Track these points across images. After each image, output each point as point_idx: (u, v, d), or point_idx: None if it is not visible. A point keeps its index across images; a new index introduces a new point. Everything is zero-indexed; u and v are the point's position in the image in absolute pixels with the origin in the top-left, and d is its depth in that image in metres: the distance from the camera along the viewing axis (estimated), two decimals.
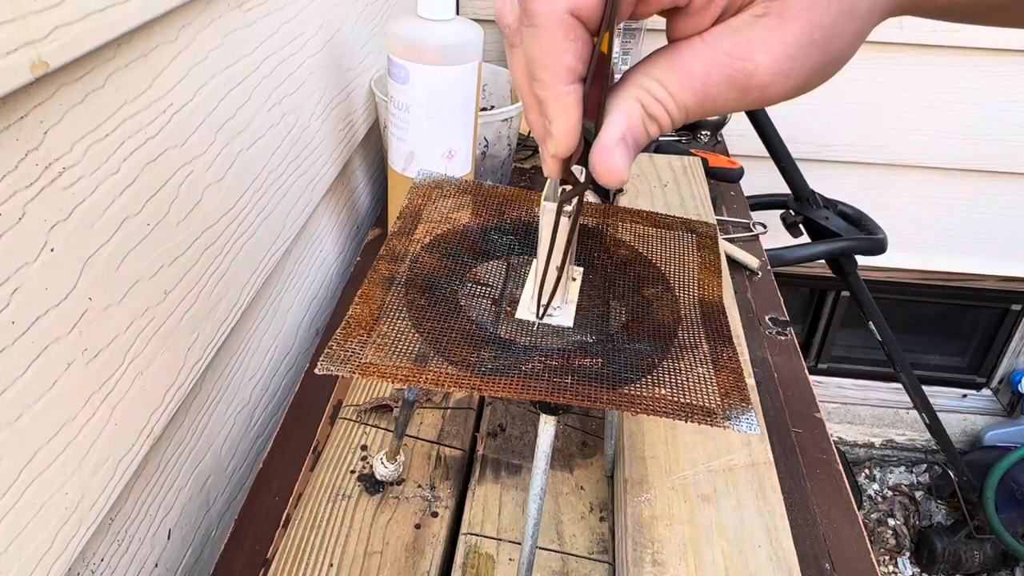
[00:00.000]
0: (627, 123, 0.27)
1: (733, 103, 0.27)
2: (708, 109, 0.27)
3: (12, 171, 0.35)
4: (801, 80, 0.26)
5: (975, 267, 1.74)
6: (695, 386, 0.36)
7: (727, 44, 0.26)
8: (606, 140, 0.28)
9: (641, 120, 0.28)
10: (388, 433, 0.58)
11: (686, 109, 0.27)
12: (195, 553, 0.60)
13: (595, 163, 0.28)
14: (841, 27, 0.26)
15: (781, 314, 0.81)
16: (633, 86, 0.28)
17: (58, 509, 0.40)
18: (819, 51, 0.26)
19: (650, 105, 0.27)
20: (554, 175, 0.31)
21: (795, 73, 0.26)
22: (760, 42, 0.25)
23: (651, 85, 0.27)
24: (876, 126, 1.53)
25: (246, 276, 0.61)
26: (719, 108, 0.27)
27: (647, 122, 0.28)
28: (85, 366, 0.41)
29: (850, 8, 0.25)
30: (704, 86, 0.26)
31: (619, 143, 0.27)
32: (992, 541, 1.75)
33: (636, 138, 0.28)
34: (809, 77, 0.26)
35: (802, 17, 0.25)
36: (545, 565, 0.50)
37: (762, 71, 0.25)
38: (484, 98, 1.00)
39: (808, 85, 0.27)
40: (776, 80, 0.26)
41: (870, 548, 0.56)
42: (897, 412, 1.98)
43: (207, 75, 0.51)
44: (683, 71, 0.26)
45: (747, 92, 0.26)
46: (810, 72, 0.26)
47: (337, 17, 0.77)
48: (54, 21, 0.34)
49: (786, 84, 0.26)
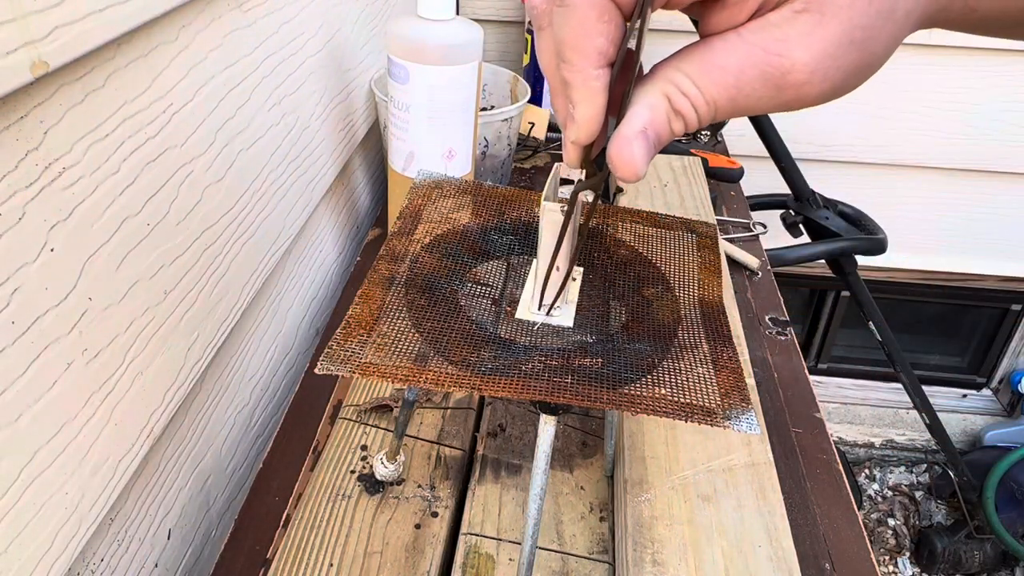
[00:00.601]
0: (650, 116, 0.27)
1: (766, 102, 0.26)
2: (740, 107, 0.26)
3: (12, 171, 0.35)
4: (837, 81, 0.25)
5: (975, 267, 1.74)
6: (695, 386, 0.36)
7: (764, 39, 0.25)
8: (626, 131, 0.27)
9: (666, 115, 0.27)
10: (388, 433, 0.58)
11: (716, 106, 0.26)
12: (195, 553, 0.60)
13: (613, 155, 0.27)
14: (879, 28, 0.25)
15: (781, 314, 0.81)
16: (661, 80, 0.27)
17: (58, 509, 0.40)
18: (857, 52, 0.25)
19: (677, 100, 0.26)
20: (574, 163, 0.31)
21: (832, 74, 0.25)
22: (798, 38, 0.24)
23: (680, 79, 0.26)
24: (876, 126, 1.53)
25: (246, 276, 0.61)
26: (751, 107, 0.26)
27: (672, 118, 0.27)
28: (85, 366, 0.41)
29: (889, 10, 0.25)
30: (737, 82, 0.25)
31: (639, 135, 0.27)
32: (992, 541, 1.75)
33: (658, 133, 0.27)
34: (845, 79, 0.26)
35: (843, 15, 0.24)
36: (545, 565, 0.50)
37: (799, 68, 0.25)
38: (484, 98, 1.00)
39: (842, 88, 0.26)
40: (812, 79, 0.25)
41: (870, 548, 0.56)
42: (897, 412, 1.98)
43: (207, 75, 0.51)
44: (716, 66, 0.26)
45: (782, 91, 0.25)
46: (846, 74, 0.25)
47: (337, 17, 0.77)
48: (54, 21, 0.34)
49: (822, 84, 0.25)
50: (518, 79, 0.96)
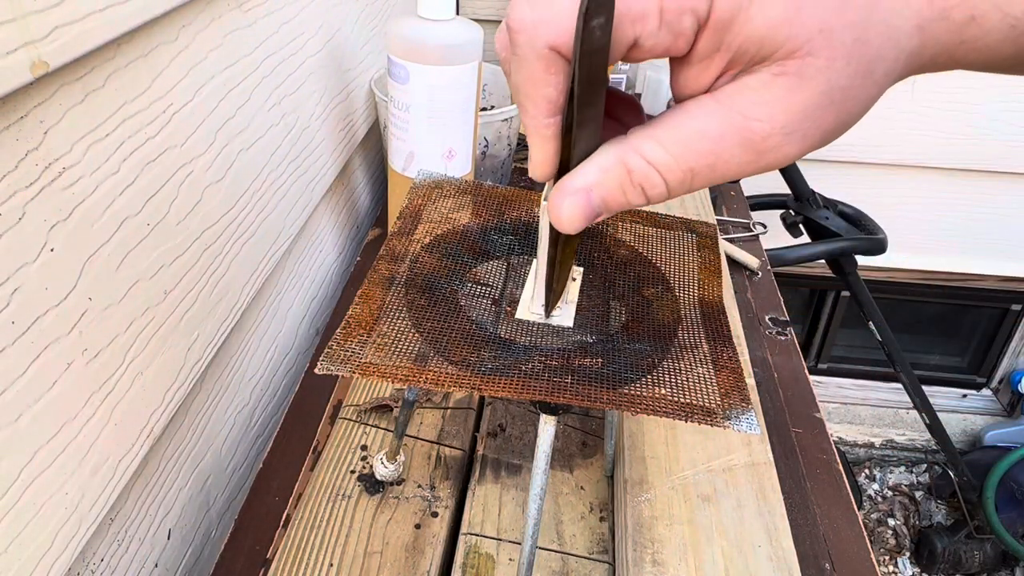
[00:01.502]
0: (597, 179, 0.27)
1: (745, 166, 0.26)
2: (718, 173, 0.26)
3: (12, 171, 0.35)
4: (816, 141, 0.25)
5: (975, 267, 1.74)
6: (695, 386, 0.36)
7: (742, 104, 0.25)
8: (567, 184, 0.27)
9: (618, 183, 0.27)
10: (388, 433, 0.58)
11: (693, 174, 0.26)
12: (195, 553, 0.60)
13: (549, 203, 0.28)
14: (857, 88, 0.25)
15: (781, 314, 0.81)
16: (625, 146, 0.27)
17: (58, 509, 0.40)
18: (835, 112, 0.25)
19: (638, 171, 0.26)
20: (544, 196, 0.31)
21: (810, 134, 0.25)
22: (777, 102, 0.24)
23: (649, 148, 0.26)
24: (876, 126, 1.53)
25: (246, 276, 0.61)
26: (729, 173, 0.26)
27: (628, 188, 0.27)
28: (85, 366, 0.41)
29: (866, 71, 0.25)
30: (716, 148, 0.25)
31: (578, 192, 0.27)
32: (992, 541, 1.75)
33: (605, 199, 0.27)
34: (823, 138, 0.26)
35: (820, 77, 0.24)
36: (545, 565, 0.50)
37: (778, 132, 0.25)
38: (484, 98, 1.00)
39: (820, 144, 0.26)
40: (790, 140, 0.25)
41: (870, 548, 0.56)
42: (897, 412, 1.98)
43: (207, 75, 0.51)
44: (694, 132, 0.25)
45: (761, 155, 0.25)
46: (824, 133, 0.25)
47: (337, 17, 0.77)
48: (54, 21, 0.34)
49: (800, 145, 0.25)
50: None
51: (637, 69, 1.30)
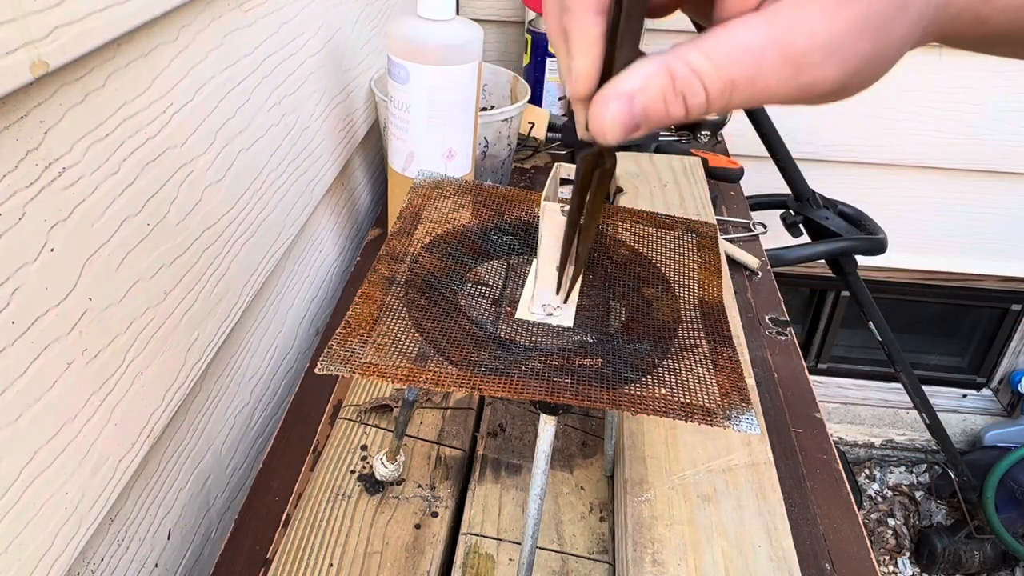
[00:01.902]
0: (642, 85, 0.27)
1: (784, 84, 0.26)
2: (758, 89, 0.26)
3: (12, 171, 0.35)
4: (851, 67, 0.26)
5: (975, 267, 1.74)
6: (695, 386, 0.36)
7: (786, 20, 0.25)
8: (608, 91, 0.27)
9: (661, 91, 0.27)
10: (388, 433, 0.58)
11: (732, 85, 0.26)
12: (195, 553, 0.60)
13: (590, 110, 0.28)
14: (893, 19, 0.26)
15: (781, 314, 0.81)
16: (669, 55, 0.27)
17: (58, 509, 0.40)
18: (871, 38, 0.26)
19: (682, 77, 0.26)
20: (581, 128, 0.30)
21: (848, 58, 0.26)
22: (820, 19, 0.25)
23: (693, 56, 0.26)
24: (876, 126, 1.53)
25: (246, 276, 0.61)
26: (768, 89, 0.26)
27: (670, 97, 0.27)
28: (85, 366, 0.41)
29: (903, 4, 0.26)
30: (758, 61, 0.26)
31: (621, 97, 0.27)
32: (992, 541, 1.75)
33: (647, 108, 0.27)
34: (858, 67, 0.26)
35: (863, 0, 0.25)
36: (545, 565, 0.50)
37: (819, 49, 0.25)
38: (484, 98, 1.00)
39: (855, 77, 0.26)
40: (828, 61, 0.25)
41: (870, 548, 0.56)
42: (897, 412, 1.98)
43: (207, 75, 0.51)
44: (736, 44, 0.26)
45: (800, 72, 0.26)
46: (860, 61, 0.26)
47: (337, 17, 0.77)
48: (54, 21, 0.34)
49: (838, 68, 0.26)
50: (518, 79, 0.96)
51: None
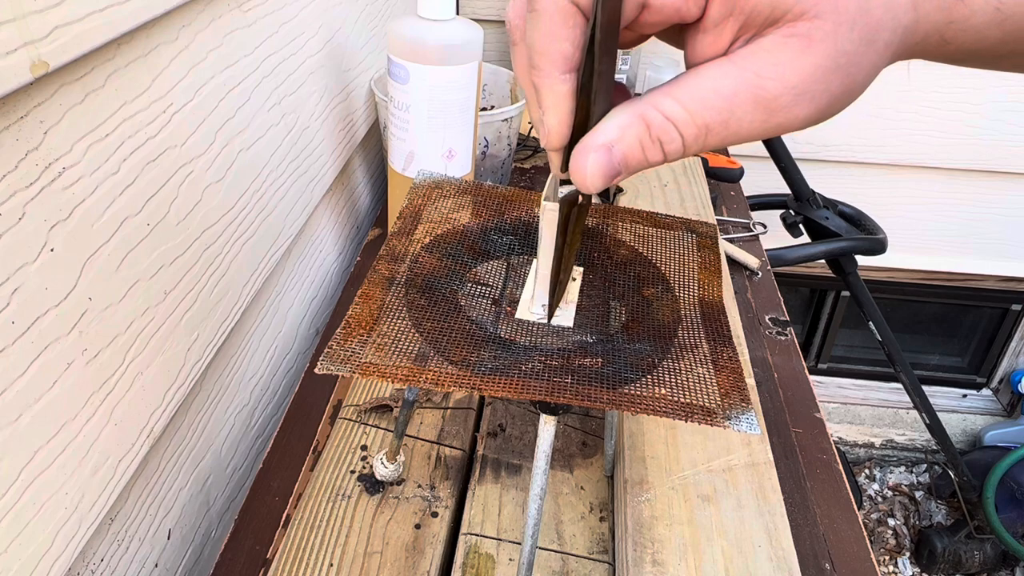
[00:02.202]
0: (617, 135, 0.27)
1: (757, 126, 0.27)
2: (731, 131, 0.27)
3: (12, 171, 0.35)
4: (822, 104, 0.27)
5: (975, 267, 1.74)
6: (695, 386, 0.36)
7: (756, 64, 0.26)
8: (589, 141, 0.28)
9: (638, 139, 0.27)
10: (388, 433, 0.58)
11: (708, 130, 0.27)
12: (195, 553, 0.60)
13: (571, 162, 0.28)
14: (861, 54, 0.26)
15: (781, 314, 0.81)
16: (642, 103, 0.27)
17: (58, 509, 0.40)
18: (841, 76, 0.26)
19: (657, 125, 0.27)
20: (556, 171, 0.32)
21: (819, 96, 0.26)
22: (789, 63, 0.26)
23: (666, 104, 0.27)
24: (876, 126, 1.53)
25: (246, 276, 0.61)
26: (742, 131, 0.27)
27: (647, 144, 0.27)
28: (85, 366, 0.41)
29: (870, 38, 0.26)
30: (731, 105, 0.26)
31: (601, 148, 0.28)
32: (992, 541, 1.75)
33: (626, 155, 0.28)
34: (829, 103, 0.27)
35: (829, 41, 0.25)
36: (545, 565, 0.50)
37: (789, 91, 0.26)
38: (484, 98, 1.00)
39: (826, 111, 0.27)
40: (799, 101, 0.26)
41: (870, 548, 0.56)
42: (897, 412, 1.98)
43: (207, 75, 0.51)
44: (709, 90, 0.26)
45: (773, 114, 0.26)
46: (831, 98, 0.27)
47: (337, 17, 0.77)
48: (54, 21, 0.34)
49: (809, 107, 0.26)
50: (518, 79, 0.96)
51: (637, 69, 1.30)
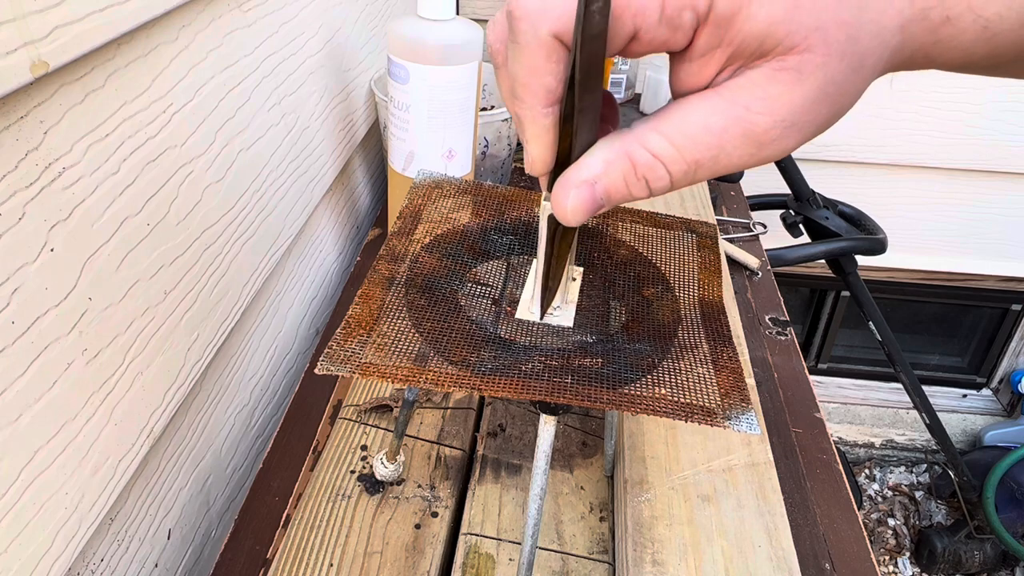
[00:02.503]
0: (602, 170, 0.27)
1: (746, 159, 0.26)
2: (721, 166, 0.26)
3: (12, 171, 0.35)
4: (809, 133, 0.27)
5: (975, 267, 1.74)
6: (695, 386, 0.36)
7: (745, 98, 0.25)
8: (572, 176, 0.28)
9: (622, 175, 0.27)
10: (388, 433, 0.58)
11: (696, 165, 0.26)
12: (195, 553, 0.60)
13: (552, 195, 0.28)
14: (849, 82, 0.26)
15: (781, 314, 0.81)
16: (628, 138, 0.27)
17: (58, 509, 0.40)
18: (828, 105, 0.26)
19: (643, 163, 0.27)
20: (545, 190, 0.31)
21: (805, 126, 0.26)
22: (779, 96, 0.25)
23: (653, 140, 0.26)
24: (876, 126, 1.53)
25: (246, 276, 0.61)
26: (731, 164, 0.27)
27: (631, 180, 0.27)
28: (85, 366, 0.41)
29: (857, 66, 0.26)
30: (720, 141, 0.26)
31: (583, 185, 0.27)
32: (992, 541, 1.75)
33: (609, 191, 0.27)
34: (817, 130, 0.27)
35: (819, 73, 0.25)
36: (545, 565, 0.50)
37: (779, 125, 0.26)
38: (484, 98, 1.00)
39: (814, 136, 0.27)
40: (789, 133, 0.26)
41: (870, 548, 0.56)
42: (897, 412, 1.98)
43: (207, 75, 0.51)
44: (699, 125, 0.26)
45: (763, 147, 0.26)
46: (817, 126, 0.27)
47: (337, 17, 0.77)
48: (54, 21, 0.34)
49: (797, 137, 0.26)
50: None
51: (637, 69, 1.30)
